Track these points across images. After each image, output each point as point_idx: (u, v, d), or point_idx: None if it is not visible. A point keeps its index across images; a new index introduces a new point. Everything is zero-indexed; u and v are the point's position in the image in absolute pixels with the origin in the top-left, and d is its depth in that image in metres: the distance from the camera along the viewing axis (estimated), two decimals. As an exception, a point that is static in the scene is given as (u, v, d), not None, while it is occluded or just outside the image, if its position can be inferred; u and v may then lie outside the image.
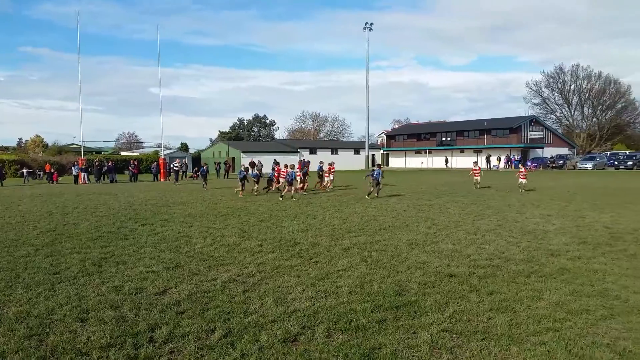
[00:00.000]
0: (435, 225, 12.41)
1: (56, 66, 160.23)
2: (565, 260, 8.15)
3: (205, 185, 27.72)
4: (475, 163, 29.00)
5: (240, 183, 22.23)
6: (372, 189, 20.94)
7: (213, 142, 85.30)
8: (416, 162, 75.68)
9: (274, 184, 24.01)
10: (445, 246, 9.57)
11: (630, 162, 54.38)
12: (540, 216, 13.76)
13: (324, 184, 25.97)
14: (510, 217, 13.71)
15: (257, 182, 23.87)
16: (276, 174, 24.67)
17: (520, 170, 23.84)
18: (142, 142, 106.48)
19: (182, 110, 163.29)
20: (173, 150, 71.47)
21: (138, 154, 70.21)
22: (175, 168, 37.89)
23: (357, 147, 78.42)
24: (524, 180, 22.78)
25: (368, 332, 5.01)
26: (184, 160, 46.57)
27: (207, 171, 29.83)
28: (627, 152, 63.08)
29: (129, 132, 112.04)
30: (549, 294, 6.26)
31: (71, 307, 5.75)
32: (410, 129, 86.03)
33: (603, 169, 54.48)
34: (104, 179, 39.09)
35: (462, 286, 6.68)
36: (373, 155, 78.30)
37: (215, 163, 48.01)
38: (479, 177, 25.49)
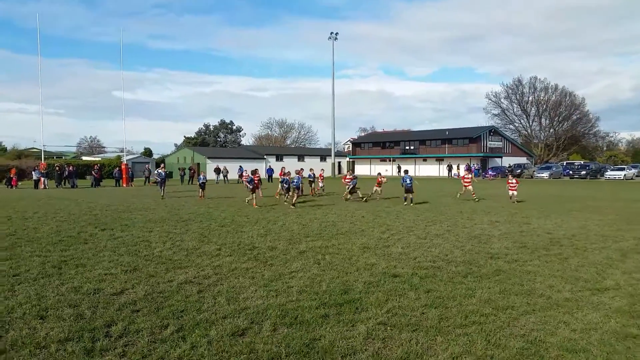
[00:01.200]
0: (389, 230, 12.99)
1: (15, 68, 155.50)
2: (503, 263, 8.81)
3: (162, 193, 24.68)
4: (468, 170, 28.84)
5: (201, 189, 22.53)
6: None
7: (178, 148, 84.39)
8: (381, 169, 76.80)
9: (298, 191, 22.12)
10: (395, 249, 10.12)
11: (584, 172, 56.90)
12: (489, 222, 14.54)
13: (316, 189, 27.82)
14: (461, 223, 14.44)
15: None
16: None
17: (510, 181, 22.19)
18: (104, 147, 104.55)
19: (146, 115, 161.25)
20: (136, 156, 70.48)
21: (100, 158, 68.89)
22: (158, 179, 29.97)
23: (323, 154, 79.17)
24: (515, 192, 21.66)
25: (311, 326, 5.44)
26: (147, 165, 46.06)
27: (166, 178, 25.80)
28: (582, 162, 65.92)
29: (90, 137, 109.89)
30: (480, 292, 6.84)
31: (31, 306, 5.98)
32: (376, 137, 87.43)
33: (559, 178, 56.75)
34: (64, 184, 38.37)
35: (403, 285, 7.21)
36: (339, 162, 79.20)
37: (179, 169, 47.65)
38: (470, 187, 23.73)
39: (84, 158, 76.00)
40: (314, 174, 28.99)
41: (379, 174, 26.01)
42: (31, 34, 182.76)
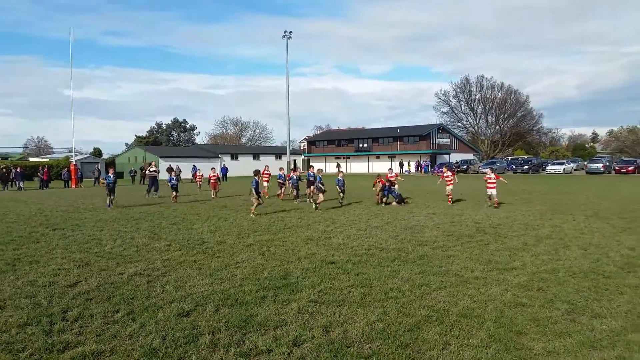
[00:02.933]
0: (334, 224, 13.83)
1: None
2: (428, 249, 9.79)
3: (109, 202, 19.31)
4: (391, 170, 22.73)
5: (174, 191, 21.91)
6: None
7: (129, 147, 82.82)
8: (335, 167, 78.17)
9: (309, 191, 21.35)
10: (335, 240, 10.96)
11: (526, 167, 60.00)
12: (426, 215, 15.65)
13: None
14: (400, 216, 15.47)
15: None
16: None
17: (489, 176, 18.34)
18: (52, 148, 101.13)
19: (96, 114, 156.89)
20: (85, 156, 68.79)
21: (48, 159, 66.81)
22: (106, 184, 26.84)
23: (278, 153, 79.55)
24: (493, 191, 17.97)
25: (250, 306, 6.15)
26: (96, 166, 45.26)
27: (115, 183, 20.44)
28: (525, 157, 69.37)
29: (38, 137, 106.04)
30: (403, 273, 7.75)
31: (-13, 299, 6.41)
32: (330, 135, 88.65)
33: (503, 172, 59.54)
34: (11, 186, 37.31)
35: (337, 270, 8.03)
36: (294, 160, 79.87)
37: (130, 170, 46.99)
38: (451, 186, 19.68)
39: (31, 159, 73.42)
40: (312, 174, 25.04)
41: (390, 169, 22.24)
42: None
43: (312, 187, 20.84)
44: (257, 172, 17.52)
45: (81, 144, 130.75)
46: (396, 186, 20.31)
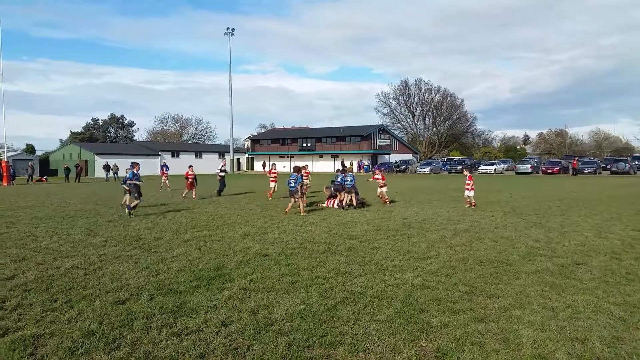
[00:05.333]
0: (271, 220, 14.40)
1: None
2: (356, 242, 10.58)
3: (133, 208, 15.84)
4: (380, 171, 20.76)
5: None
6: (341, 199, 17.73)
7: (63, 144, 79.51)
8: (279, 166, 78.55)
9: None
10: (271, 235, 11.53)
11: (460, 167, 62.93)
12: (359, 212, 16.52)
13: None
14: (335, 212, 16.26)
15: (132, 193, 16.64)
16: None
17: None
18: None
19: (28, 108, 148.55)
20: (17, 152, 65.49)
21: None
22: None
23: (222, 151, 79.04)
24: (384, 189, 18.85)
25: (183, 294, 6.63)
26: (29, 163, 43.40)
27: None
28: (460, 158, 72.72)
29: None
30: (330, 263, 8.45)
31: None
32: (274, 134, 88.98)
33: (439, 172, 62.28)
34: None
35: (269, 262, 8.62)
36: (238, 158, 79.62)
37: (64, 168, 45.40)
38: (385, 188, 19.14)
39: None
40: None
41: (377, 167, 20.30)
42: None
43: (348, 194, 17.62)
44: (297, 169, 16.54)
45: (13, 140, 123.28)
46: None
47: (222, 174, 24.36)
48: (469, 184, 17.97)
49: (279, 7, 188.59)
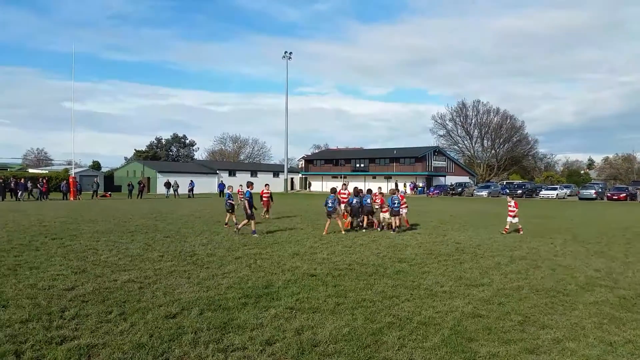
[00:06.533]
0: (321, 240, 14.43)
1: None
2: (406, 265, 10.40)
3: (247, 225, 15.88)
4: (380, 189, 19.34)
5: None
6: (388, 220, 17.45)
7: (128, 161, 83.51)
8: (333, 186, 78.89)
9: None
10: (320, 256, 11.55)
11: (520, 191, 60.74)
12: (411, 234, 16.26)
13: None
14: (386, 235, 16.08)
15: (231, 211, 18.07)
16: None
17: (509, 204, 17.80)
18: (51, 159, 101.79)
19: (96, 127, 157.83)
20: (84, 169, 69.42)
21: (47, 171, 67.43)
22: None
23: (276, 170, 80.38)
24: (514, 219, 17.38)
25: (231, 311, 6.75)
26: (95, 179, 45.89)
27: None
28: (519, 182, 70.23)
29: (37, 149, 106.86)
30: (377, 286, 8.35)
31: (-10, 298, 7.00)
32: (328, 155, 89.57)
33: (497, 196, 60.30)
34: (11, 197, 37.86)
35: (317, 282, 8.63)
36: (292, 178, 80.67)
37: (128, 184, 47.62)
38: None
39: (31, 170, 74.01)
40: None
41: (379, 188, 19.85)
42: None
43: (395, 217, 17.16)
44: (334, 190, 16.96)
45: (80, 157, 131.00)
46: (404, 209, 17.89)
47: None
48: (513, 211, 17.31)
49: (335, 31, 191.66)
